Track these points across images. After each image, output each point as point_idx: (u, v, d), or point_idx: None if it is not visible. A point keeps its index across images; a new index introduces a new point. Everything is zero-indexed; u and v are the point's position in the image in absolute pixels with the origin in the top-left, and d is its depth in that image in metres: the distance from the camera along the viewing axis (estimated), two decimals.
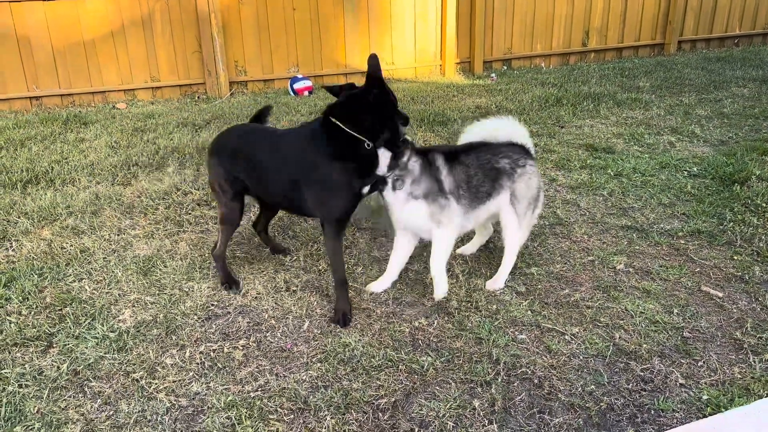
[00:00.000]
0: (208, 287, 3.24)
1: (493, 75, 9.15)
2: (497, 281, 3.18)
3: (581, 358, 2.63)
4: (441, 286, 3.07)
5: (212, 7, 7.64)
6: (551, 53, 9.88)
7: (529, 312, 2.96)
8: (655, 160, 4.95)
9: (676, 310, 2.94)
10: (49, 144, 5.77)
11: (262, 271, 3.40)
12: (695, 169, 4.71)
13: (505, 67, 9.71)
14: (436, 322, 2.89)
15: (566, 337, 2.77)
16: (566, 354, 2.65)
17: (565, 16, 9.74)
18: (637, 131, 5.76)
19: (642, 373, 2.52)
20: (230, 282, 3.23)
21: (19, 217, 4.09)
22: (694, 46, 10.71)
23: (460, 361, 2.61)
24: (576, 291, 3.14)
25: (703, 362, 2.58)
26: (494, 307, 2.99)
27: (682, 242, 3.61)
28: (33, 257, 3.57)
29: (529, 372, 2.54)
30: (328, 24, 8.46)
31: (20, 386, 2.52)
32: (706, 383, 2.46)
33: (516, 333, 2.80)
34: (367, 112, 2.82)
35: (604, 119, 6.32)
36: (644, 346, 2.68)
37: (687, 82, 7.92)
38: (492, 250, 3.57)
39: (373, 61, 2.80)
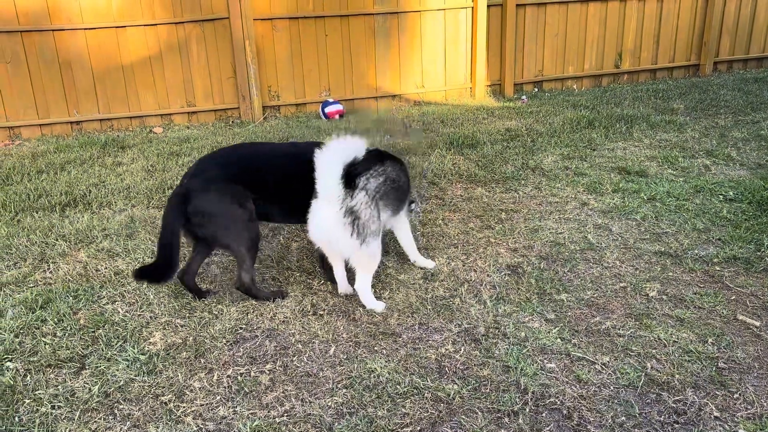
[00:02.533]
0: (237, 310, 3.27)
1: (523, 97, 9.13)
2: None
3: (612, 388, 2.57)
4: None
5: (247, 34, 7.82)
6: (583, 75, 9.84)
7: (558, 340, 2.91)
8: (689, 183, 4.85)
9: (710, 340, 2.86)
10: (88, 168, 5.94)
11: (290, 295, 3.42)
12: (731, 193, 4.60)
13: (536, 90, 9.69)
14: (462, 349, 2.87)
15: (596, 366, 2.71)
16: (596, 384, 2.59)
17: (597, 38, 9.71)
18: (671, 154, 5.67)
19: (675, 405, 2.45)
20: (273, 293, 3.30)
21: (57, 240, 4.21)
22: (731, 67, 10.54)
23: (487, 390, 2.57)
24: (607, 318, 3.08)
25: (740, 394, 2.50)
26: (522, 334, 2.95)
27: (718, 269, 3.52)
28: (69, 279, 3.66)
29: (558, 402, 2.49)
30: (359, 49, 8.59)
31: (53, 407, 2.57)
32: (742, 416, 2.38)
33: (545, 361, 2.75)
34: None
35: (638, 142, 6.24)
36: (677, 376, 2.61)
37: (723, 104, 7.78)
38: (521, 275, 3.54)
39: None
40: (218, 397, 2.61)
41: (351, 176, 3.02)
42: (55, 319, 3.20)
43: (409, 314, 3.18)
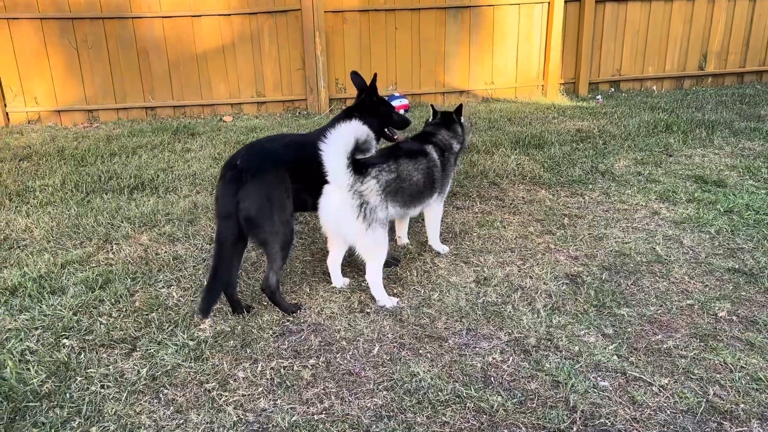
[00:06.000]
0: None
1: (598, 97, 8.79)
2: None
3: (668, 412, 2.40)
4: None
5: (317, 26, 7.87)
6: (664, 76, 9.38)
7: (614, 357, 2.75)
8: None
9: None
10: (158, 153, 6.12)
11: (339, 291, 3.40)
12: None
13: (613, 90, 9.31)
14: (510, 359, 2.76)
15: (654, 388, 2.54)
16: (652, 407, 2.43)
17: (681, 38, 9.22)
18: (753, 164, 5.30)
19: None
20: (294, 306, 3.22)
21: (122, 222, 4.35)
22: None
23: (534, 405, 2.46)
24: (669, 337, 2.89)
25: None
26: (576, 348, 2.81)
27: None
28: (129, 261, 3.77)
29: (609, 423, 2.35)
30: (429, 43, 8.49)
31: (102, 387, 2.63)
32: None
33: (598, 379, 2.61)
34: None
35: (718, 149, 5.87)
36: (742, 405, 2.41)
37: None
38: (580, 285, 3.38)
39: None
40: (260, 389, 2.61)
41: (362, 165, 3.11)
42: (112, 300, 3.29)
43: (457, 318, 3.09)
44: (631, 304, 3.19)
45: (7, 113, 7.54)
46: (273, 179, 3.06)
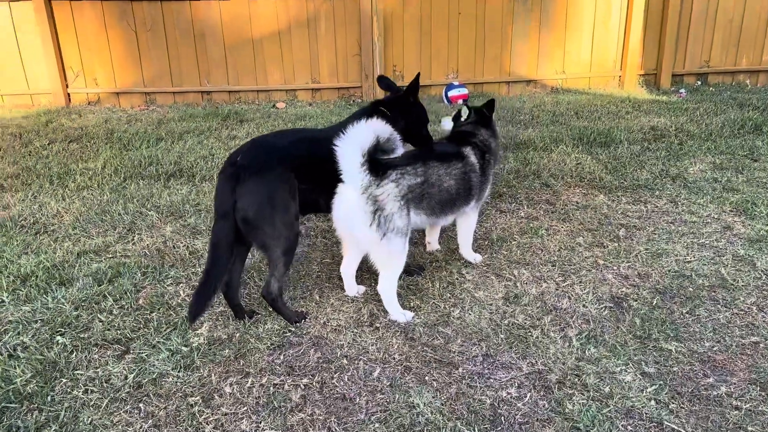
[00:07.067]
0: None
1: (681, 91, 8.04)
2: None
3: None
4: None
5: (375, 10, 7.55)
6: (760, 69, 8.48)
7: (652, 401, 2.34)
8: None
9: None
10: (204, 139, 6.03)
11: (350, 301, 3.12)
12: None
13: (699, 83, 8.51)
14: (528, 395, 2.39)
15: None
16: None
17: None
18: None
19: None
20: (299, 315, 2.97)
21: (150, 210, 4.25)
22: None
23: None
24: (723, 382, 2.44)
25: None
26: (607, 388, 2.41)
27: None
28: (145, 253, 3.64)
29: None
30: (494, 28, 8.00)
31: (85, 392, 2.49)
32: None
33: (628, 428, 2.21)
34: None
35: None
36: None
37: None
38: (625, 311, 2.95)
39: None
40: (245, 408, 2.39)
41: (382, 166, 2.82)
42: (116, 296, 3.16)
43: (475, 341, 2.74)
44: (682, 337, 2.74)
45: (68, 94, 7.70)
46: (275, 177, 2.79)
